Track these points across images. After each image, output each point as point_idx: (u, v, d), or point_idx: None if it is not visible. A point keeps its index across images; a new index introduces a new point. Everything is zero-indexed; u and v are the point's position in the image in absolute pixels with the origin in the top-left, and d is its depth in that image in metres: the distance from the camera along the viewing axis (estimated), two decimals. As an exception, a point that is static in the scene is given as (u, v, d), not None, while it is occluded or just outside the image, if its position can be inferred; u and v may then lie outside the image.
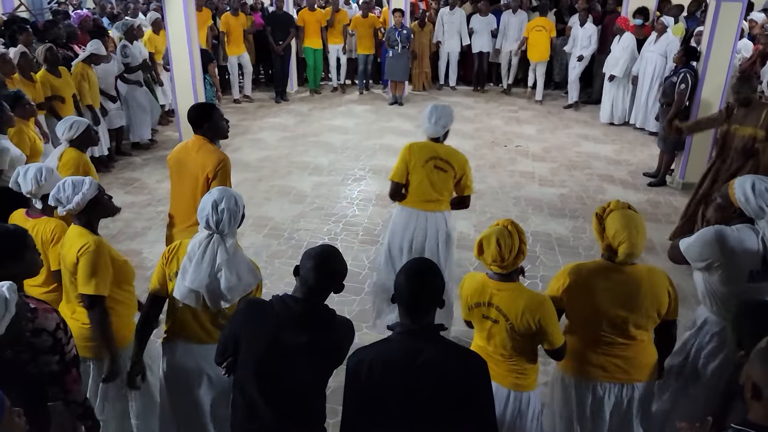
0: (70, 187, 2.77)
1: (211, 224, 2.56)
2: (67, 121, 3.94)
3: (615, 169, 7.54)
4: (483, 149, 8.19)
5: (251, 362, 2.22)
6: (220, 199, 2.57)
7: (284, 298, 2.22)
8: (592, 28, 9.53)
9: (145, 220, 6.03)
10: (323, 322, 2.22)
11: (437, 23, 10.68)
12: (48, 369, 2.28)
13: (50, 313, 2.30)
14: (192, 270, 2.55)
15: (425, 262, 2.19)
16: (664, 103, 6.88)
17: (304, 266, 2.20)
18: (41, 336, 2.24)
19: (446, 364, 2.01)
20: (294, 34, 10.25)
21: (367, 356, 2.07)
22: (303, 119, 9.48)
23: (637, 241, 2.52)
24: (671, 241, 3.73)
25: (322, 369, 2.23)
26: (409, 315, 2.07)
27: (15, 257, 2.35)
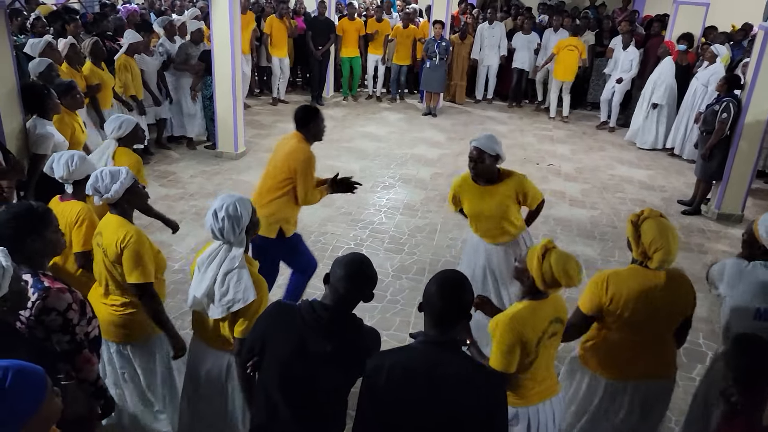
0: (108, 176, 2.84)
1: (216, 234, 2.56)
2: (117, 120, 4.00)
3: (648, 195, 7.42)
4: (514, 165, 8.05)
5: (275, 365, 2.24)
6: (219, 206, 2.55)
7: (313, 305, 2.22)
8: (634, 53, 9.42)
9: (177, 213, 6.13)
10: (350, 331, 2.22)
11: (476, 38, 10.69)
12: (60, 347, 2.34)
13: (63, 293, 2.34)
14: (199, 279, 2.60)
15: (458, 275, 2.17)
16: (704, 131, 6.77)
17: (335, 274, 2.19)
18: (50, 315, 2.29)
19: (466, 378, 2.00)
20: (333, 39, 10.36)
21: (387, 362, 2.07)
22: (337, 124, 9.55)
23: (673, 248, 2.65)
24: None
25: (344, 378, 2.23)
26: (436, 326, 2.07)
27: (34, 233, 2.41)
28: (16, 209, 2.45)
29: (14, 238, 2.36)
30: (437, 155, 8.37)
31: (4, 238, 2.34)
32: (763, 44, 6.16)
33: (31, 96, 4.45)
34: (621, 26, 9.82)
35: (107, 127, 4.04)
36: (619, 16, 11.66)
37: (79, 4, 11.30)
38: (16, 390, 1.45)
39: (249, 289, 2.55)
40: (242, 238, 2.61)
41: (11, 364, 1.48)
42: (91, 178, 2.86)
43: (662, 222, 2.70)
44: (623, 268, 2.83)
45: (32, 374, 1.50)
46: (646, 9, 12.71)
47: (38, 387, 1.49)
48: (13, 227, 2.38)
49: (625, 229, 2.82)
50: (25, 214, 2.43)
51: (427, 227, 6.19)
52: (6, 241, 2.31)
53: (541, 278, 2.46)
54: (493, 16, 10.68)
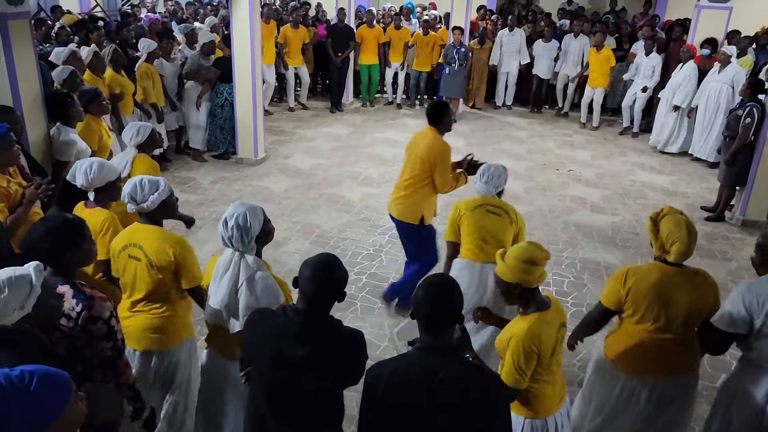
0: (147, 186, 2.88)
1: (226, 241, 2.57)
2: (134, 127, 4.07)
3: (671, 201, 7.32)
4: (534, 171, 8.09)
5: (258, 374, 2.23)
6: (230, 215, 2.55)
7: (286, 310, 2.19)
8: (656, 59, 9.31)
9: (197, 219, 6.16)
10: (325, 334, 2.16)
11: (495, 45, 10.66)
12: (102, 354, 2.39)
13: (105, 302, 2.40)
14: (215, 289, 2.60)
15: (445, 279, 2.16)
16: (727, 136, 6.66)
17: (303, 276, 2.15)
18: (97, 323, 2.34)
19: (465, 383, 1.98)
20: (353, 46, 10.41)
21: (385, 370, 2.05)
22: (356, 130, 9.58)
23: (690, 241, 2.67)
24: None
25: (330, 382, 2.18)
26: (429, 331, 2.06)
27: (73, 245, 2.45)
28: (52, 223, 2.48)
29: (52, 252, 2.39)
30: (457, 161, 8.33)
31: (40, 252, 2.37)
32: (789, 48, 6.05)
33: (55, 104, 4.53)
34: (643, 31, 9.73)
35: (125, 135, 4.09)
36: (640, 21, 11.57)
37: (102, 14, 11.49)
38: (40, 393, 1.48)
39: (277, 293, 2.57)
40: (252, 247, 2.60)
41: (36, 369, 1.51)
42: (129, 186, 2.87)
43: (680, 217, 2.75)
44: (643, 264, 2.87)
45: (57, 378, 1.53)
46: (667, 14, 12.60)
47: (62, 391, 1.52)
48: (51, 241, 2.41)
49: (647, 228, 2.86)
50: (61, 227, 2.46)
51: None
52: (43, 254, 2.34)
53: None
54: (513, 22, 10.65)
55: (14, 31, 4.26)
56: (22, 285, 1.98)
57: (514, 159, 8.52)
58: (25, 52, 4.40)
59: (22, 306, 1.98)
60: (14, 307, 1.96)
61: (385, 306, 4.85)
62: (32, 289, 2.00)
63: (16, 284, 1.96)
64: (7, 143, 3.48)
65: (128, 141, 4.06)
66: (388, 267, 5.45)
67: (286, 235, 5.91)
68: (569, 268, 5.59)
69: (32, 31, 4.56)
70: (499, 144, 9.19)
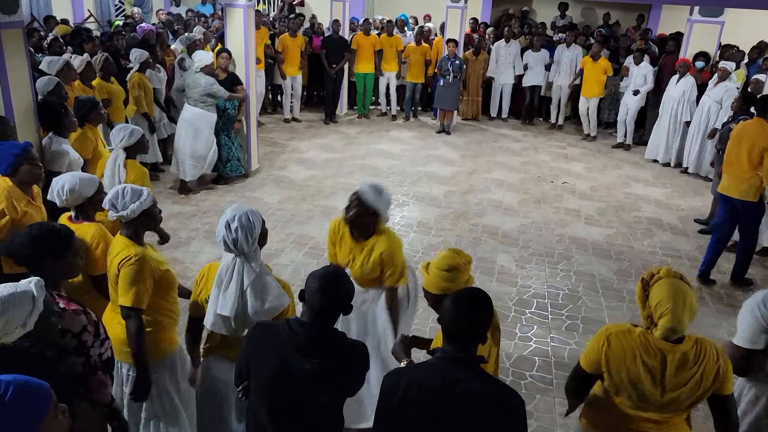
0: (129, 194, 2.82)
1: (230, 245, 2.52)
2: (126, 129, 4.08)
3: (665, 214, 7.33)
4: (528, 184, 8.10)
5: (259, 388, 2.20)
6: (232, 217, 2.51)
7: (290, 323, 2.16)
8: (647, 67, 9.42)
9: (189, 230, 6.14)
10: (331, 347, 2.15)
11: (492, 56, 10.71)
12: (73, 369, 2.30)
13: (78, 315, 2.32)
14: (220, 296, 2.55)
15: (478, 292, 2.14)
16: (720, 149, 6.68)
17: (310, 289, 2.13)
18: (65, 337, 2.26)
19: (485, 396, 1.95)
20: (347, 58, 10.43)
21: (404, 378, 2.03)
22: (350, 142, 9.57)
23: (683, 316, 2.22)
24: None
25: (333, 396, 2.17)
26: (454, 342, 2.03)
27: (54, 255, 2.41)
28: (36, 231, 2.45)
29: (32, 259, 2.36)
30: (451, 173, 8.35)
31: (20, 258, 2.34)
32: (781, 62, 6.09)
33: (48, 114, 4.50)
34: (636, 44, 9.82)
35: (116, 135, 4.07)
36: (633, 34, 11.66)
37: (96, 24, 11.48)
38: (16, 404, 1.43)
39: (282, 295, 2.55)
40: (255, 248, 2.57)
41: (13, 379, 1.46)
42: (111, 193, 2.82)
43: (676, 284, 2.27)
44: (634, 328, 2.37)
45: (35, 389, 1.49)
46: (660, 27, 12.71)
47: (40, 402, 1.48)
48: (32, 249, 2.39)
49: (636, 292, 2.42)
50: (45, 236, 2.43)
51: (441, 245, 6.14)
52: (22, 261, 2.31)
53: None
54: (509, 34, 10.71)
55: (7, 40, 4.23)
56: (24, 302, 1.94)
57: (509, 171, 8.53)
58: (18, 62, 4.37)
59: (24, 323, 1.94)
60: (17, 324, 1.92)
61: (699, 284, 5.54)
62: (34, 306, 1.96)
63: (19, 301, 1.92)
64: (28, 160, 3.38)
65: (117, 142, 4.05)
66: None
67: (280, 247, 5.87)
68: (564, 281, 5.57)
69: (26, 40, 4.53)
70: (493, 156, 9.20)
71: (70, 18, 10.41)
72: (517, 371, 4.26)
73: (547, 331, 4.76)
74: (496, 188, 7.84)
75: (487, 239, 6.31)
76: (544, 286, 5.47)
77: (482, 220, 6.83)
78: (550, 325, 4.85)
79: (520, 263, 5.85)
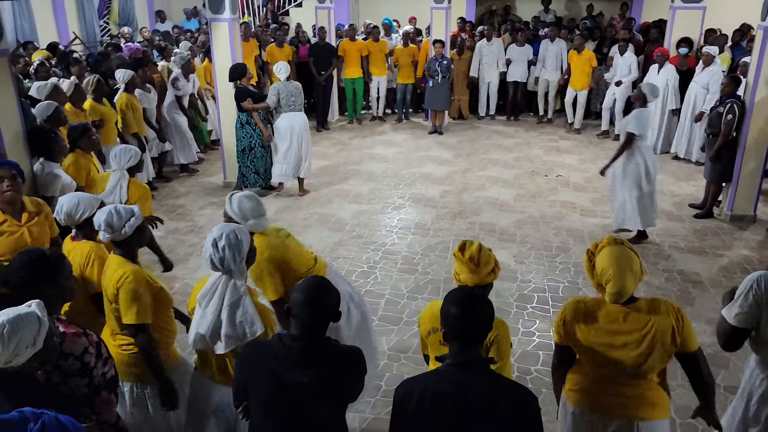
0: (123, 212, 2.84)
1: (217, 264, 2.51)
2: (128, 151, 4.16)
3: (660, 201, 7.33)
4: (523, 179, 8.12)
5: (259, 406, 2.20)
6: (219, 236, 2.51)
7: (282, 338, 2.17)
8: (631, 57, 9.50)
9: (187, 246, 6.14)
10: (326, 358, 2.15)
11: (475, 56, 10.75)
12: (78, 391, 2.32)
13: (79, 338, 2.34)
14: (200, 314, 2.55)
15: (474, 293, 2.15)
16: (710, 133, 6.73)
17: (296, 303, 2.13)
18: (68, 360, 2.29)
19: (498, 397, 1.97)
20: (335, 64, 10.46)
21: (417, 387, 2.04)
22: (343, 147, 9.59)
23: (625, 279, 2.33)
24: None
25: (333, 405, 2.17)
26: (461, 346, 2.05)
27: (47, 280, 2.44)
28: (28, 257, 2.47)
29: (27, 285, 2.37)
30: (445, 173, 8.37)
31: (16, 285, 2.35)
32: (763, 43, 6.14)
33: (38, 139, 4.51)
34: (620, 34, 9.87)
35: (120, 156, 4.13)
36: (617, 23, 11.72)
37: (82, 46, 11.49)
38: None
39: (256, 322, 2.53)
40: (243, 268, 2.57)
41: (46, 415, 1.48)
42: (104, 214, 2.82)
43: (619, 250, 2.39)
44: (589, 297, 2.54)
45: (66, 427, 1.50)
46: (644, 15, 12.77)
47: None
48: (25, 275, 2.40)
49: (583, 264, 2.55)
50: (37, 261, 2.44)
51: (439, 246, 6.15)
52: (18, 288, 2.32)
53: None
54: (491, 32, 10.75)
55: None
56: (31, 321, 1.97)
57: (502, 167, 8.56)
58: (4, 89, 4.38)
59: (34, 342, 1.97)
60: (27, 344, 1.95)
61: None
62: (41, 324, 1.99)
63: (26, 321, 1.95)
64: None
65: (121, 164, 4.12)
66: (384, 283, 5.43)
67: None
68: (563, 273, 5.59)
69: (11, 67, 4.54)
70: (486, 153, 9.22)
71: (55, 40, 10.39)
72: (522, 366, 4.27)
73: (549, 325, 4.77)
74: (491, 185, 7.87)
75: (485, 237, 6.33)
76: (544, 280, 5.49)
77: (479, 218, 6.85)
78: (552, 319, 4.86)
79: (519, 259, 5.87)
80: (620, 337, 2.39)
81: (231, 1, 7.13)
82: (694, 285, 5.39)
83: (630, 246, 2.46)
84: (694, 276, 5.55)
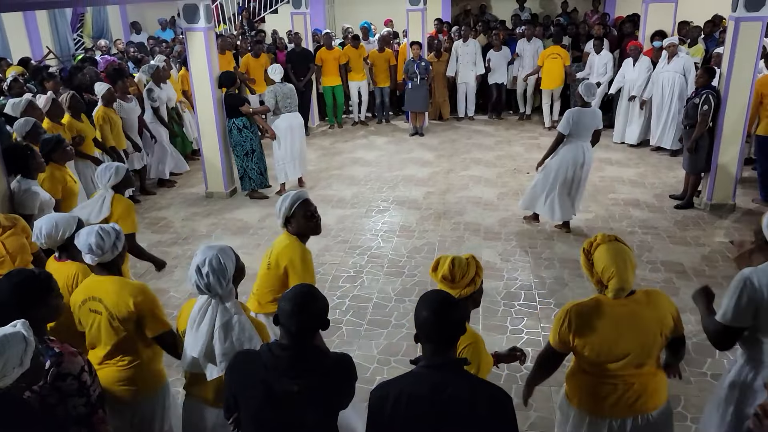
0: (112, 233, 2.81)
1: (203, 289, 2.49)
2: (111, 168, 4.09)
3: (640, 193, 7.44)
4: (505, 177, 8.17)
5: (250, 416, 2.18)
6: (202, 262, 2.47)
7: (271, 347, 2.15)
8: (607, 56, 9.59)
9: (171, 258, 6.08)
10: (314, 365, 2.14)
11: (452, 56, 10.79)
12: (75, 411, 2.31)
13: (75, 357, 2.33)
14: (192, 338, 2.52)
15: (444, 294, 2.15)
16: (687, 125, 6.82)
17: (283, 313, 2.12)
18: (66, 380, 2.27)
19: (473, 398, 1.97)
20: (314, 69, 10.45)
21: (392, 390, 2.04)
22: (325, 153, 9.57)
23: (627, 274, 2.46)
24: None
25: (323, 413, 2.16)
26: (435, 348, 2.05)
27: (39, 301, 2.41)
28: (17, 279, 2.43)
29: (18, 307, 2.33)
30: (428, 174, 8.39)
31: (7, 308, 2.31)
32: (735, 34, 6.23)
33: (14, 157, 4.44)
34: (595, 30, 9.96)
35: (103, 175, 4.08)
36: (591, 19, 11.82)
37: (56, 60, 11.36)
38: None
39: (255, 338, 2.50)
40: (230, 289, 2.54)
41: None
42: (92, 237, 2.76)
43: (615, 246, 2.51)
44: (586, 299, 2.59)
45: None
46: (617, 10, 12.90)
47: None
48: (17, 297, 2.36)
49: (581, 263, 2.62)
50: (26, 282, 2.41)
51: (425, 247, 6.16)
52: (9, 310, 2.28)
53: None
54: (467, 33, 10.80)
55: (-34, 87, 4.18)
56: (17, 341, 1.95)
57: (485, 166, 8.60)
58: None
59: (21, 362, 1.95)
60: (14, 364, 1.93)
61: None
62: (27, 344, 1.98)
63: (12, 341, 1.94)
64: None
65: (104, 182, 4.06)
66: (371, 287, 5.42)
67: (264, 266, 5.84)
68: (549, 269, 5.63)
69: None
70: (468, 153, 9.26)
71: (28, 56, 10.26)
72: (511, 365, 4.28)
73: (537, 322, 4.80)
74: (474, 185, 7.90)
75: (470, 236, 6.35)
76: (530, 276, 5.52)
77: (463, 218, 6.87)
78: (539, 315, 4.89)
79: (505, 257, 5.89)
80: (624, 332, 2.47)
81: (206, 11, 7.10)
82: (678, 275, 5.45)
83: (622, 240, 2.57)
84: (677, 266, 5.61)
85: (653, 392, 2.58)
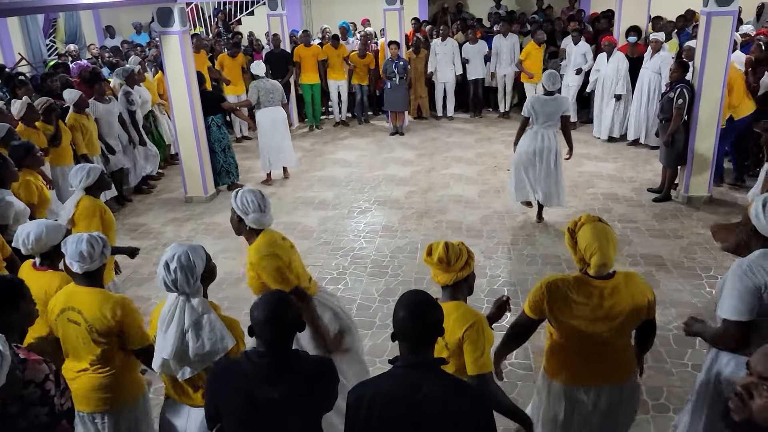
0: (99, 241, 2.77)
1: (170, 285, 2.45)
2: (83, 169, 4.03)
3: (619, 187, 7.52)
4: (486, 174, 8.20)
5: (233, 425, 2.17)
6: (170, 258, 2.44)
7: (248, 355, 2.13)
8: (585, 46, 9.66)
9: (152, 265, 6.02)
10: (295, 371, 2.13)
11: (431, 54, 10.80)
12: (37, 421, 2.24)
13: (40, 365, 2.27)
14: (162, 340, 2.49)
15: (423, 295, 2.15)
16: (663, 119, 6.90)
17: (257, 322, 2.09)
18: (29, 387, 2.21)
19: (449, 397, 1.97)
20: (292, 71, 10.40)
21: (368, 391, 2.04)
22: (305, 154, 9.53)
23: (609, 252, 2.56)
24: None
25: (307, 417, 2.15)
26: (413, 349, 2.05)
27: (10, 306, 2.37)
28: None
29: None
30: (409, 173, 8.39)
31: None
32: (707, 28, 6.32)
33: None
34: (570, 26, 10.05)
35: (74, 177, 4.02)
36: (566, 16, 11.94)
37: (28, 66, 11.18)
38: None
39: (226, 336, 2.48)
40: (198, 287, 2.51)
41: None
42: (84, 245, 2.71)
43: (598, 226, 2.61)
44: (569, 274, 2.71)
45: None
46: (592, 6, 13.04)
47: None
48: None
49: (565, 242, 2.71)
50: (2, 287, 2.37)
51: (407, 246, 6.17)
52: None
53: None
54: (445, 32, 10.82)
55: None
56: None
57: (466, 164, 8.62)
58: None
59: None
60: None
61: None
62: (3, 358, 1.93)
63: None
64: None
65: (77, 183, 4.01)
66: (354, 288, 5.41)
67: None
68: (531, 266, 5.66)
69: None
70: (449, 151, 9.28)
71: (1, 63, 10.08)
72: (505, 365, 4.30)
73: (520, 318, 4.82)
74: (455, 183, 7.92)
75: (452, 235, 6.36)
76: (513, 273, 5.55)
77: (445, 216, 6.89)
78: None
79: (487, 254, 5.92)
80: (600, 311, 2.59)
81: (180, 14, 7.04)
82: (658, 268, 5.51)
83: (605, 221, 2.69)
84: (657, 259, 5.68)
85: (625, 365, 2.74)
